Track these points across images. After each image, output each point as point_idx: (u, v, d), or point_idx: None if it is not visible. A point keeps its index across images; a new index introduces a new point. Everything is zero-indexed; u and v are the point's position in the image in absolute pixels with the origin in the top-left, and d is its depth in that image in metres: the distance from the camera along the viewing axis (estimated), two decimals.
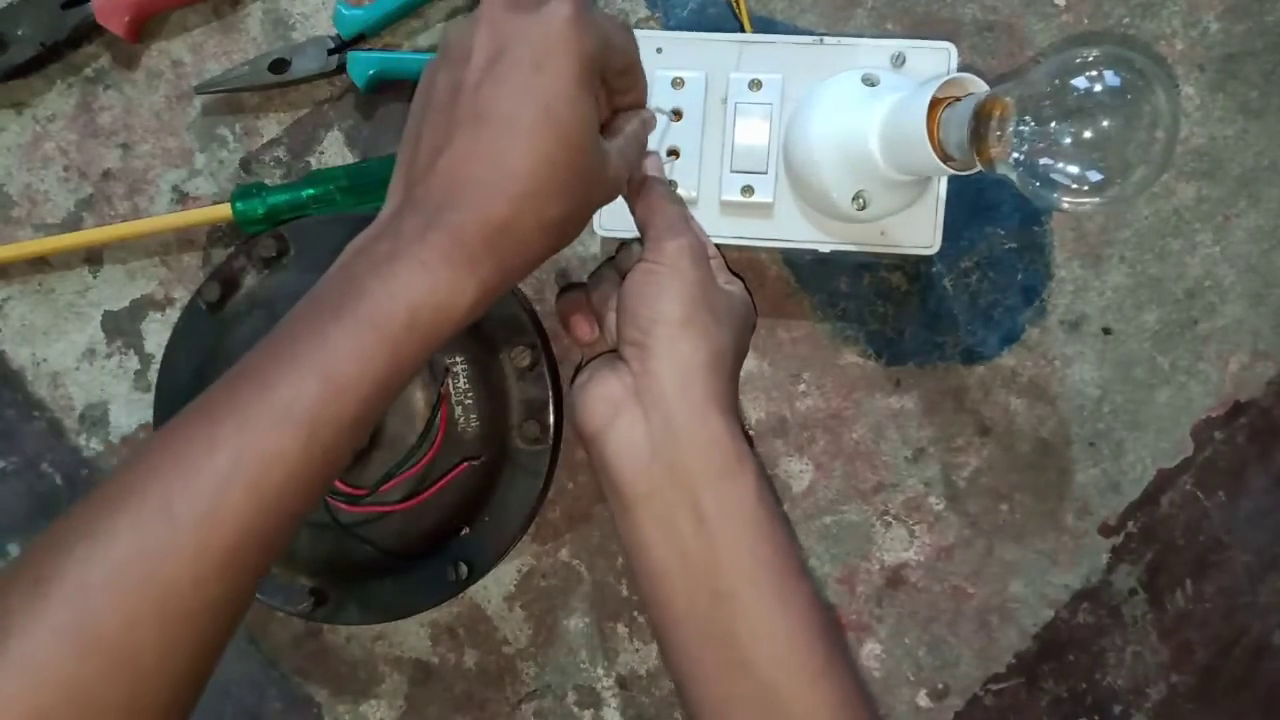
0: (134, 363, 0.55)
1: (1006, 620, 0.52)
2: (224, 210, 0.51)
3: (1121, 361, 0.52)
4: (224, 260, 0.52)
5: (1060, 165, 0.34)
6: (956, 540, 0.52)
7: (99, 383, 0.55)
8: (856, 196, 0.44)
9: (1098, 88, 0.34)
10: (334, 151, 0.54)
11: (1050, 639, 0.52)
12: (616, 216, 0.46)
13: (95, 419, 0.55)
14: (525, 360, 0.50)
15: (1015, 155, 0.35)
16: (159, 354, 0.53)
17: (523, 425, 0.50)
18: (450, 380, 0.49)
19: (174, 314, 0.54)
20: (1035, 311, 0.52)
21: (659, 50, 0.47)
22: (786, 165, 0.46)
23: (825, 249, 0.47)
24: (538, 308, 0.52)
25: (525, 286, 0.53)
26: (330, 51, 0.52)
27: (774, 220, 0.47)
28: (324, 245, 0.49)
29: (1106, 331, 0.52)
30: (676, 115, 0.47)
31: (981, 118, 0.36)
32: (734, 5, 0.51)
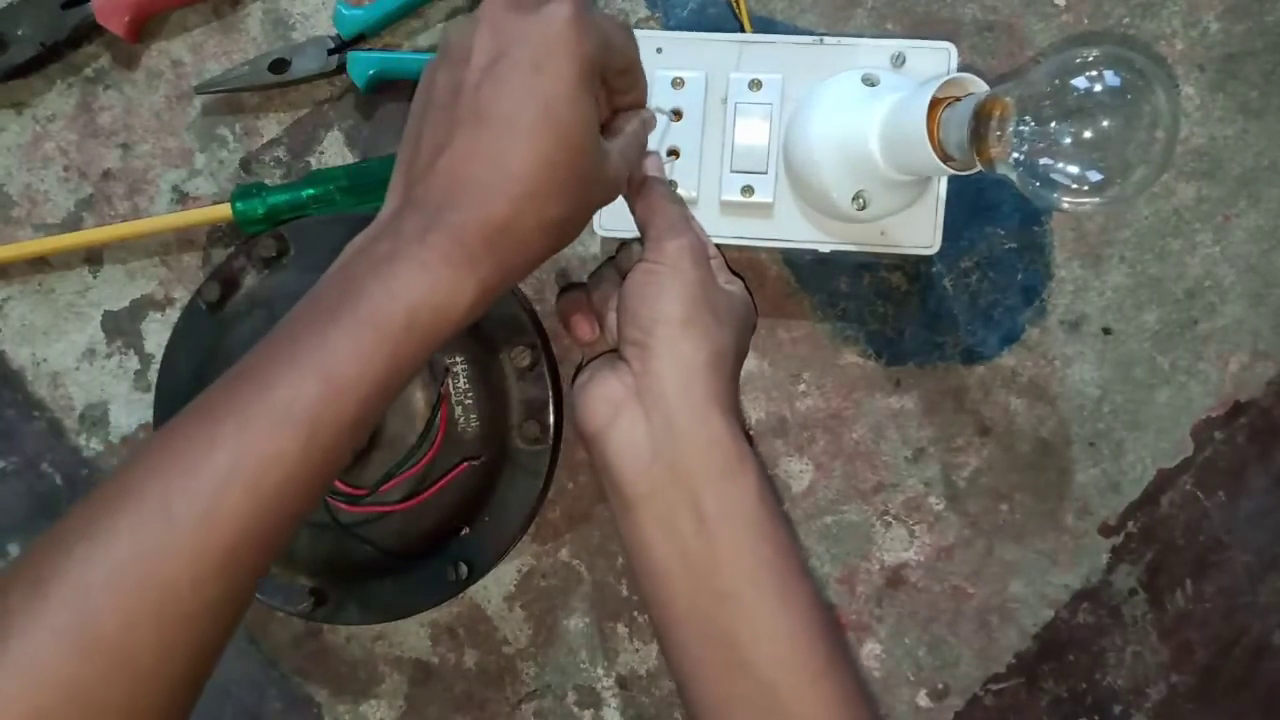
0: (134, 363, 0.55)
1: (1006, 620, 0.52)
2: (224, 210, 0.51)
3: (1121, 361, 0.52)
4: (224, 260, 0.52)
5: (1060, 165, 0.34)
6: (956, 540, 0.52)
7: (99, 383, 0.55)
8: (856, 196, 0.44)
9: (1098, 88, 0.34)
10: (334, 151, 0.54)
11: (1050, 639, 0.52)
12: (616, 216, 0.46)
13: (95, 419, 0.55)
14: (525, 360, 0.50)
15: (1015, 155, 0.35)
16: (159, 354, 0.53)
17: (523, 425, 0.50)
18: (450, 380, 0.49)
19: (174, 314, 0.54)
20: (1035, 311, 0.52)
21: (659, 50, 0.47)
22: (786, 165, 0.46)
23: (825, 249, 0.47)
24: (538, 308, 0.52)
25: (525, 286, 0.53)
26: (330, 51, 0.52)
27: (774, 220, 0.47)
28: (324, 245, 0.49)
29: (1106, 331, 0.52)
30: (676, 115, 0.47)
31: (981, 118, 0.36)
32: (734, 5, 0.51)
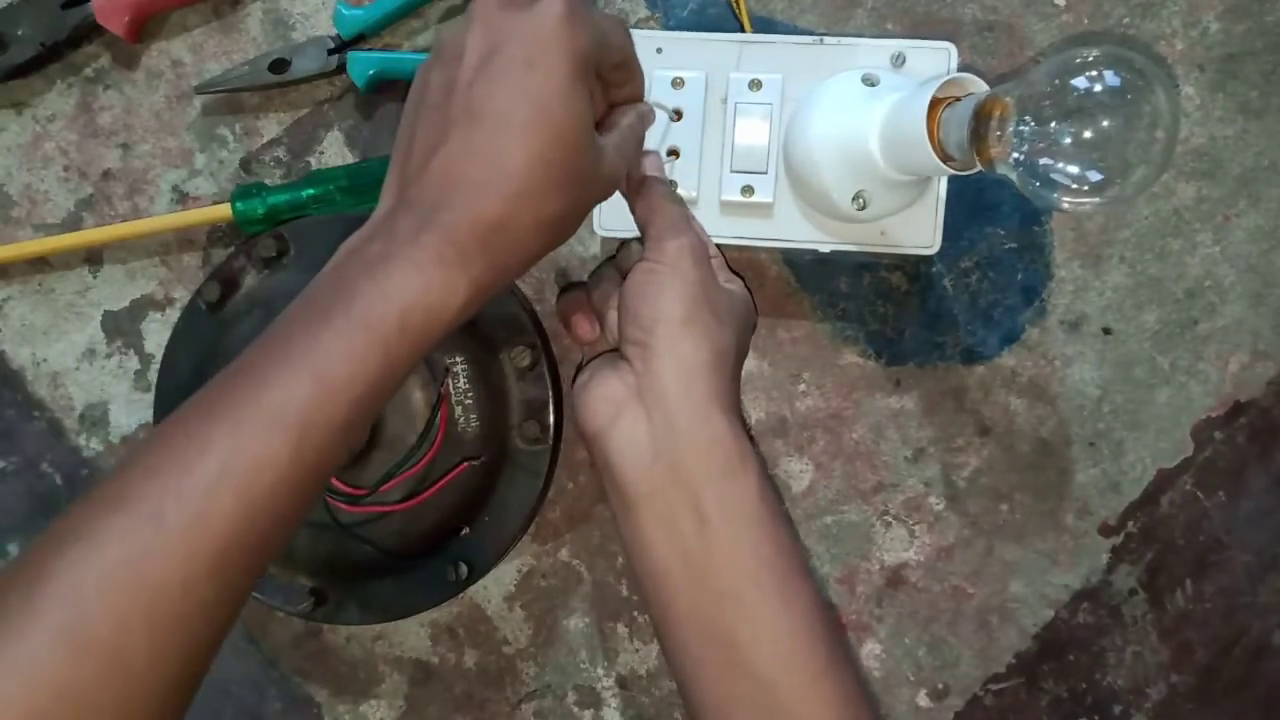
0: (134, 363, 0.55)
1: (1006, 620, 0.52)
2: (224, 210, 0.51)
3: (1121, 361, 0.52)
4: (224, 260, 0.52)
5: (1060, 165, 0.34)
6: (956, 540, 0.52)
7: (99, 383, 0.55)
8: (856, 196, 0.44)
9: (1098, 88, 0.34)
10: (334, 151, 0.54)
11: (1050, 639, 0.52)
12: (616, 216, 0.46)
13: (95, 419, 0.55)
14: (525, 360, 0.50)
15: (1015, 155, 0.35)
16: (159, 354, 0.53)
17: (523, 425, 0.50)
18: (450, 380, 0.49)
19: (174, 314, 0.54)
20: (1035, 311, 0.52)
21: (659, 50, 0.47)
22: (786, 165, 0.46)
23: (825, 249, 0.47)
24: (538, 308, 0.52)
25: (525, 286, 0.53)
26: (330, 51, 0.52)
27: (774, 220, 0.47)
28: (324, 245, 0.48)
29: (1106, 331, 0.52)
30: (677, 115, 0.47)
31: (981, 118, 0.36)
32: (734, 5, 0.51)
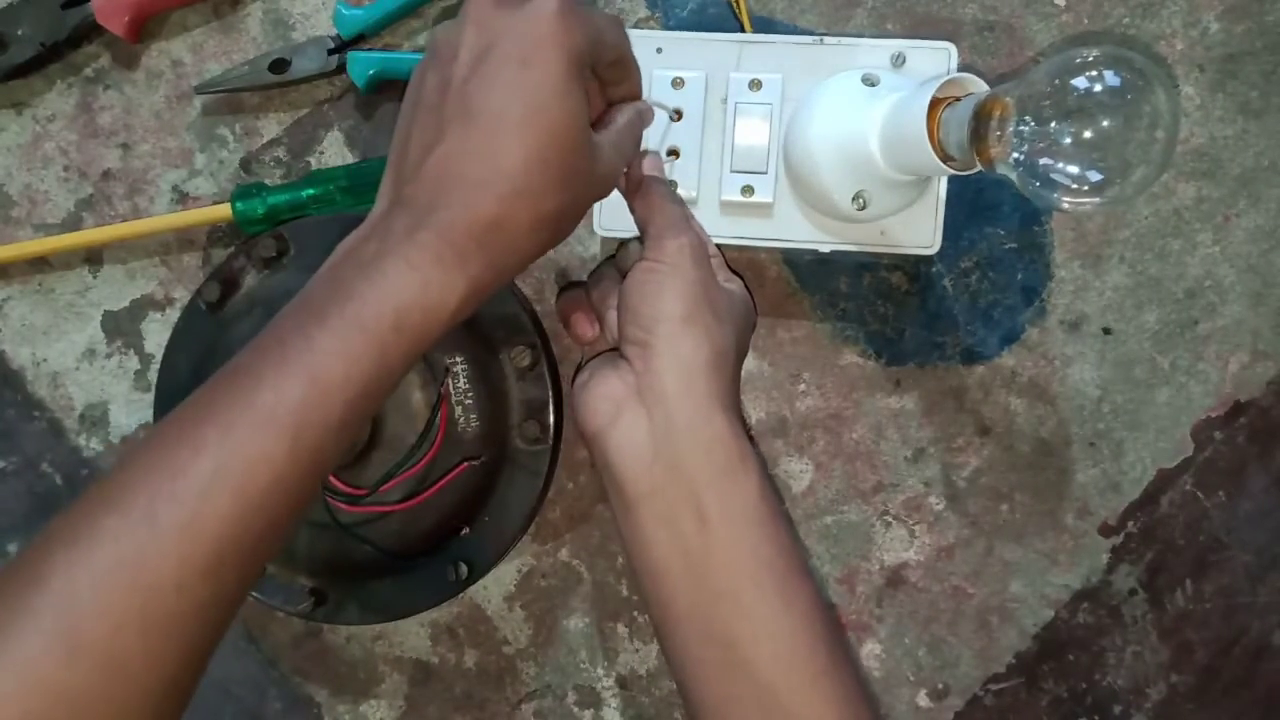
0: (134, 363, 0.55)
1: (1006, 620, 0.52)
2: (224, 210, 0.51)
3: (1121, 361, 0.52)
4: (224, 260, 0.52)
5: (1060, 165, 0.34)
6: (956, 540, 0.52)
7: (99, 383, 0.55)
8: (856, 196, 0.44)
9: (1098, 88, 0.34)
10: (334, 151, 0.54)
11: (1050, 639, 0.52)
12: (616, 216, 0.46)
13: (95, 419, 0.55)
14: (525, 360, 0.50)
15: (1015, 155, 0.35)
16: (159, 354, 0.53)
17: (523, 425, 0.50)
18: (450, 380, 0.49)
19: (174, 314, 0.54)
20: (1035, 311, 0.52)
21: (659, 50, 0.47)
22: (786, 165, 0.46)
23: (825, 249, 0.47)
24: (538, 308, 0.52)
25: (525, 286, 0.53)
26: (330, 51, 0.52)
27: (774, 220, 0.47)
28: (324, 245, 0.48)
29: (1106, 331, 0.52)
30: (677, 115, 0.47)
31: (981, 118, 0.36)
32: (734, 5, 0.51)
